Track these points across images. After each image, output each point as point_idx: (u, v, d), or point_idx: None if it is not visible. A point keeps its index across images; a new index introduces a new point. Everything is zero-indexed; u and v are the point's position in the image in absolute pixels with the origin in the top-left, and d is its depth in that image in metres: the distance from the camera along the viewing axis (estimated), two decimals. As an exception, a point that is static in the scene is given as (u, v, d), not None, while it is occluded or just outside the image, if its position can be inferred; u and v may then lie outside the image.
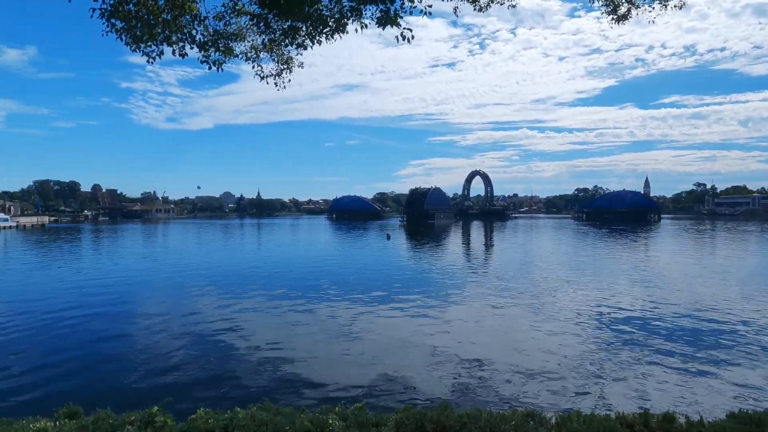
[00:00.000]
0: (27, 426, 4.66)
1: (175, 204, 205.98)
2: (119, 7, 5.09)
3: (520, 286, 24.14)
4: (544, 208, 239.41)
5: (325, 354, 13.16)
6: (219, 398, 9.74)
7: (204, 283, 25.74)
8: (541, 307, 19.25)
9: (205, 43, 5.92)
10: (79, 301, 20.83)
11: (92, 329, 15.88)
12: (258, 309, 19.07)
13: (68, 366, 12.18)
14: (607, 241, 59.77)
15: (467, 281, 26.38)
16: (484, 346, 13.76)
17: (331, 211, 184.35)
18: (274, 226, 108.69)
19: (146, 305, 20.44)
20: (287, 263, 36.14)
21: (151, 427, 4.87)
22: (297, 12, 5.46)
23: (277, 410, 5.32)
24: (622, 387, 10.70)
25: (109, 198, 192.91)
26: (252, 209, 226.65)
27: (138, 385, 10.77)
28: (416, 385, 10.81)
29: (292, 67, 6.78)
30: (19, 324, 16.51)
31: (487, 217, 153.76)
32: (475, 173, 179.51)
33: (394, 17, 5.23)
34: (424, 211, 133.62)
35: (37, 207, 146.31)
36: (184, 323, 16.61)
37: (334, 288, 23.71)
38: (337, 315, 17.87)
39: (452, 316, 17.88)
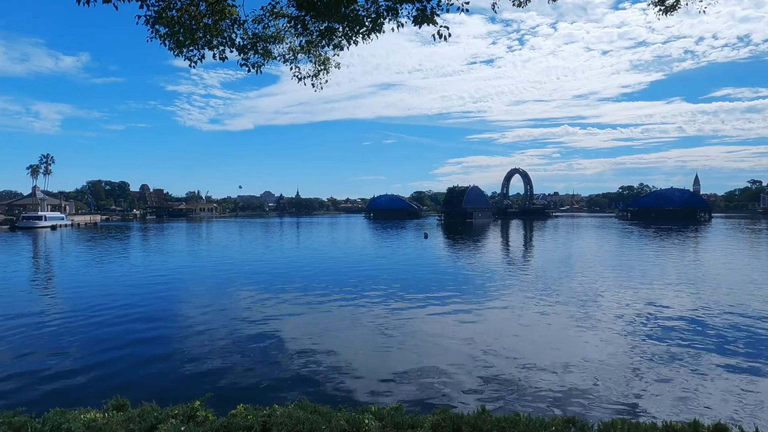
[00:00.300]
0: (78, 416, 4.88)
1: (218, 203, 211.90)
2: (163, 13, 5.26)
3: (561, 288, 23.55)
4: (586, 207, 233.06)
5: (361, 353, 13.22)
6: (258, 395, 9.93)
7: (245, 281, 26.35)
8: (584, 309, 18.70)
9: (244, 46, 6.05)
10: (129, 296, 21.72)
11: (139, 324, 16.52)
12: (297, 306, 19.36)
13: (116, 360, 12.70)
14: (654, 240, 57.53)
15: (506, 281, 25.95)
16: (523, 349, 13.49)
17: (369, 210, 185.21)
18: (313, 225, 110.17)
19: (191, 301, 21.09)
20: (325, 261, 36.55)
21: (193, 421, 5.01)
22: (333, 13, 5.49)
23: (314, 408, 5.38)
24: (669, 395, 10.25)
25: (156, 197, 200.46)
26: (291, 208, 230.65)
27: (181, 380, 11.12)
28: (453, 386, 10.71)
29: (328, 67, 6.83)
30: (73, 319, 17.36)
31: (527, 216, 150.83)
32: (514, 171, 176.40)
33: (430, 15, 5.19)
34: (462, 209, 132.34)
35: (90, 206, 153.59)
36: (226, 320, 17.04)
37: (372, 287, 23.80)
38: (375, 314, 17.92)
39: (491, 317, 17.63)
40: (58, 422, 4.43)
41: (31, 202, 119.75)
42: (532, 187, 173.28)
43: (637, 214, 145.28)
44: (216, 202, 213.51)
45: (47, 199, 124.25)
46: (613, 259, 36.94)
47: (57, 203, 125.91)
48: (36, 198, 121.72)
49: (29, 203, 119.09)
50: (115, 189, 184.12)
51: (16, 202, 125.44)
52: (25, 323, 16.41)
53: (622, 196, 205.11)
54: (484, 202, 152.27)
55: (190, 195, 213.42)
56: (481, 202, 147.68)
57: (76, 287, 25.06)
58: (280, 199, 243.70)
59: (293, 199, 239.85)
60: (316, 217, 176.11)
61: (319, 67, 6.75)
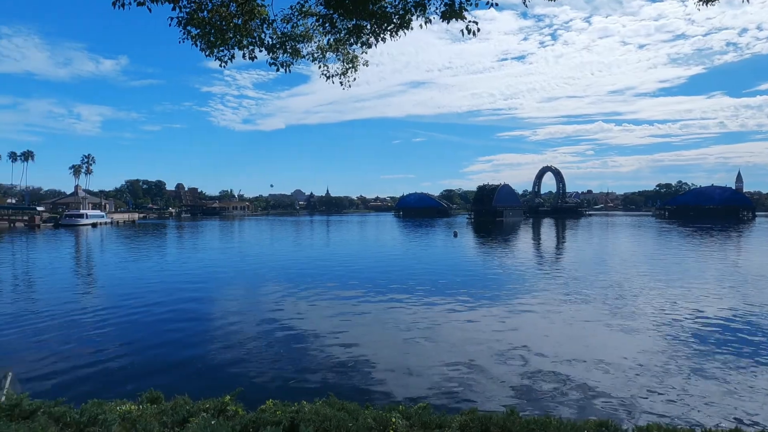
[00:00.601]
0: (114, 408, 5.03)
1: (250, 201, 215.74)
2: (194, 14, 5.36)
3: (595, 288, 22.99)
4: (621, 205, 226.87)
5: (389, 351, 13.23)
6: (287, 390, 10.05)
7: (276, 278, 26.74)
8: (619, 310, 18.21)
9: (273, 45, 6.11)
10: (164, 292, 22.35)
11: (173, 319, 16.97)
12: (326, 304, 19.52)
13: (151, 354, 13.08)
14: (693, 240, 55.54)
15: (538, 281, 25.51)
16: (554, 350, 13.22)
17: (398, 209, 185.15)
18: (342, 223, 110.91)
19: (223, 297, 21.54)
20: (355, 259, 36.72)
21: (223, 415, 5.10)
22: (361, 10, 5.48)
23: (341, 405, 5.39)
24: (707, 399, 9.86)
25: (191, 196, 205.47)
26: (321, 206, 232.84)
27: (212, 375, 11.36)
28: (481, 386, 10.59)
29: (357, 65, 6.84)
30: (112, 313, 17.98)
31: (559, 215, 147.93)
32: (546, 169, 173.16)
33: (459, 10, 5.11)
34: (492, 208, 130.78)
35: (128, 205, 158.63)
36: (257, 316, 17.32)
37: (401, 285, 23.78)
38: (403, 313, 17.90)
39: (521, 317, 17.36)
40: (95, 413, 4.58)
41: (74, 200, 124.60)
42: (565, 185, 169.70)
43: (675, 213, 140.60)
44: (248, 200, 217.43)
45: (88, 197, 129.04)
46: (650, 259, 35.83)
47: (97, 202, 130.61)
48: (78, 197, 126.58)
49: (72, 202, 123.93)
50: (152, 188, 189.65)
51: (59, 200, 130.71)
52: (68, 317, 17.08)
53: (659, 194, 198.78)
54: (515, 201, 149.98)
55: (224, 193, 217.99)
56: (511, 201, 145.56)
57: (114, 283, 25.94)
58: (311, 198, 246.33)
59: (323, 198, 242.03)
60: (346, 216, 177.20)
61: (347, 65, 6.76)
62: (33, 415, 4.54)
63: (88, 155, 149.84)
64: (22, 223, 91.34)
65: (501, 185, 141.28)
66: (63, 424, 4.49)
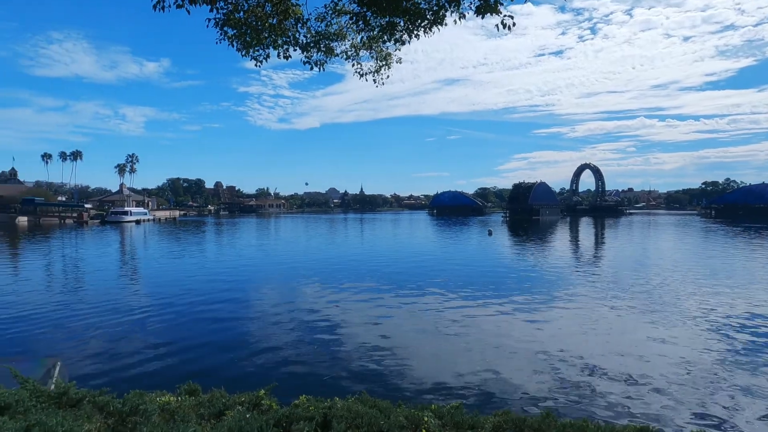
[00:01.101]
0: (154, 399, 5.19)
1: (285, 199, 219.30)
2: (231, 15, 5.47)
3: (636, 289, 22.26)
4: (664, 204, 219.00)
5: (422, 349, 13.18)
6: (320, 386, 10.17)
7: (312, 275, 27.06)
8: (661, 312, 17.57)
9: (307, 44, 6.17)
10: (202, 287, 22.98)
11: (211, 314, 17.41)
12: (360, 301, 19.62)
13: (190, 347, 13.46)
14: (742, 240, 53.01)
15: (575, 281, 24.91)
16: (592, 352, 12.87)
17: (432, 207, 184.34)
18: (376, 221, 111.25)
19: (259, 293, 21.96)
20: (389, 257, 36.78)
21: (258, 409, 5.18)
22: (395, 7, 5.46)
23: (373, 403, 5.40)
24: (753, 408, 9.38)
25: (229, 194, 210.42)
26: (355, 204, 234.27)
27: (247, 369, 11.60)
28: (515, 388, 10.41)
29: (390, 63, 6.82)
30: (153, 307, 18.62)
31: (598, 213, 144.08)
32: (584, 166, 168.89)
33: (494, 5, 5.02)
34: (528, 206, 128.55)
35: (170, 202, 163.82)
36: (292, 312, 17.58)
37: (435, 284, 23.67)
38: (437, 311, 17.81)
39: (558, 317, 16.98)
40: (136, 403, 4.73)
41: (119, 198, 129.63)
42: (604, 182, 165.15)
43: (723, 212, 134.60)
44: (284, 198, 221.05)
45: (132, 195, 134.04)
46: (695, 260, 34.42)
47: (141, 199, 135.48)
48: (123, 194, 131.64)
49: (117, 199, 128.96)
50: (191, 186, 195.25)
51: (105, 198, 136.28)
52: (112, 310, 17.79)
53: (705, 192, 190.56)
54: (551, 199, 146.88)
55: (260, 191, 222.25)
56: (548, 199, 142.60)
57: (156, 277, 26.86)
58: (345, 196, 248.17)
59: (357, 196, 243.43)
60: (380, 213, 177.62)
61: (380, 62, 6.76)
62: (79, 404, 4.73)
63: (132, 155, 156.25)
64: (71, 220, 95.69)
65: (537, 183, 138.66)
66: (106, 413, 4.66)
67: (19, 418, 4.11)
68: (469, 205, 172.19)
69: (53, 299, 20.09)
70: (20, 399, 4.54)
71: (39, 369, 6.53)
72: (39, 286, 23.79)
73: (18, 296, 20.61)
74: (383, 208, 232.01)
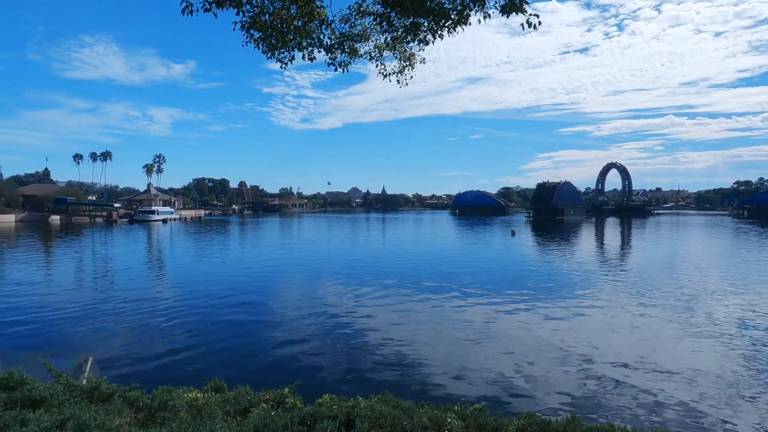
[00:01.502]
0: (182, 395, 5.30)
1: (308, 199, 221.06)
2: (256, 18, 5.55)
3: (664, 291, 21.74)
4: (693, 204, 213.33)
5: (445, 349, 13.14)
6: (344, 385, 10.22)
7: (334, 274, 27.23)
8: (690, 316, 17.12)
9: (331, 46, 6.22)
10: (227, 286, 23.34)
11: (236, 312, 17.67)
12: (383, 301, 19.66)
13: (216, 345, 13.69)
14: (776, 242, 51.26)
15: (601, 283, 24.46)
16: (618, 355, 12.63)
17: (454, 206, 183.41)
18: (398, 221, 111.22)
19: (283, 292, 22.20)
20: (411, 257, 36.73)
21: (282, 406, 5.24)
22: (419, 8, 5.45)
23: (396, 403, 5.40)
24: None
25: (252, 193, 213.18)
26: (377, 204, 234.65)
27: (272, 367, 11.74)
28: (540, 390, 10.29)
29: (413, 63, 6.82)
30: (180, 305, 19.00)
31: (625, 214, 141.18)
32: (610, 166, 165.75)
33: (519, 3, 4.97)
34: (552, 206, 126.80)
35: (195, 202, 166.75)
36: (316, 311, 17.72)
37: (458, 284, 23.55)
38: (460, 312, 17.72)
39: (583, 320, 16.71)
40: (165, 399, 4.84)
41: (146, 197, 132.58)
42: (631, 182, 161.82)
43: (756, 212, 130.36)
44: (306, 197, 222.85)
45: (159, 194, 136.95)
46: (726, 262, 33.43)
47: (167, 198, 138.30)
48: (150, 194, 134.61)
49: (144, 199, 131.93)
50: (216, 185, 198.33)
51: (133, 197, 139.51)
52: (142, 307, 18.22)
53: (737, 192, 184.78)
54: (576, 199, 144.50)
55: (283, 191, 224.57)
56: (573, 199, 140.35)
57: (183, 275, 27.39)
58: (367, 195, 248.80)
59: (379, 195, 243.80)
60: (402, 213, 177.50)
61: (404, 63, 6.76)
62: (110, 398, 4.86)
63: (159, 155, 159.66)
64: (101, 219, 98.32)
65: (562, 182, 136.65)
66: (136, 407, 4.78)
67: (54, 412, 4.25)
68: (492, 205, 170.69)
69: (84, 296, 20.68)
70: (54, 393, 4.69)
71: (72, 364, 6.73)
72: (71, 283, 24.52)
73: (51, 293, 21.29)
74: (405, 207, 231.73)
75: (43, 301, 19.37)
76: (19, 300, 19.45)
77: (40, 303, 18.91)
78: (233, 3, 5.39)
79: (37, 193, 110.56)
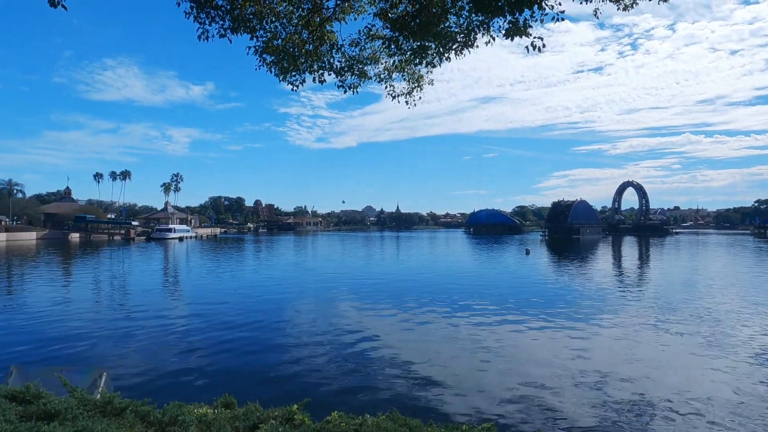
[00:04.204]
0: (192, 410, 5.37)
1: (323, 217, 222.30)
2: (269, 43, 5.75)
3: (684, 312, 21.31)
4: (713, 223, 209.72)
5: (456, 368, 13.01)
6: (352, 403, 10.18)
7: (347, 292, 27.23)
8: (712, 337, 16.73)
9: (341, 68, 6.40)
10: (240, 303, 23.48)
11: (247, 329, 17.74)
12: (395, 319, 19.59)
13: (226, 361, 13.75)
14: (799, 262, 50.00)
15: (619, 303, 24.08)
16: (637, 376, 12.39)
17: (469, 225, 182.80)
18: (412, 239, 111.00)
19: (295, 310, 22.23)
20: (424, 275, 36.60)
21: (291, 423, 5.28)
22: (426, 32, 5.60)
23: (404, 421, 5.41)
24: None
25: (268, 212, 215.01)
26: (391, 222, 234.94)
27: (281, 384, 11.74)
28: (551, 411, 10.12)
29: (422, 84, 6.97)
30: (193, 321, 19.16)
31: (642, 233, 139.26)
32: (627, 184, 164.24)
33: (523, 28, 5.09)
34: (568, 225, 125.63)
35: (211, 220, 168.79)
36: (327, 329, 17.72)
37: (471, 303, 23.38)
38: (473, 330, 17.58)
39: (600, 340, 16.44)
40: (175, 414, 4.92)
41: (164, 216, 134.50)
42: (648, 200, 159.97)
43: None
44: (321, 216, 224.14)
45: (176, 213, 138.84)
46: (748, 282, 32.67)
47: (184, 217, 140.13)
48: (167, 212, 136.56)
49: (162, 217, 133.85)
50: (232, 204, 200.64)
51: (151, 216, 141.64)
52: (156, 323, 18.41)
53: (758, 210, 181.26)
54: (592, 218, 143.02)
55: (298, 210, 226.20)
56: (589, 217, 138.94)
57: (197, 293, 27.62)
58: (381, 214, 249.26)
59: (393, 214, 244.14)
60: (416, 232, 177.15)
61: (412, 84, 6.91)
62: (123, 413, 4.95)
63: (177, 174, 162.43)
64: (119, 237, 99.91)
65: (577, 201, 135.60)
66: (147, 422, 4.86)
67: (68, 425, 4.35)
68: (507, 224, 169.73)
69: (100, 313, 20.97)
70: (69, 407, 4.80)
71: (86, 378, 6.85)
72: (88, 299, 24.90)
73: (69, 309, 21.62)
74: (419, 226, 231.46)
75: (61, 316, 19.68)
76: (38, 315, 19.79)
77: (57, 319, 19.22)
78: (247, 29, 5.60)
79: (58, 211, 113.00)
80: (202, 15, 5.49)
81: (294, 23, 5.85)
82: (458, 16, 5.57)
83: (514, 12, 4.98)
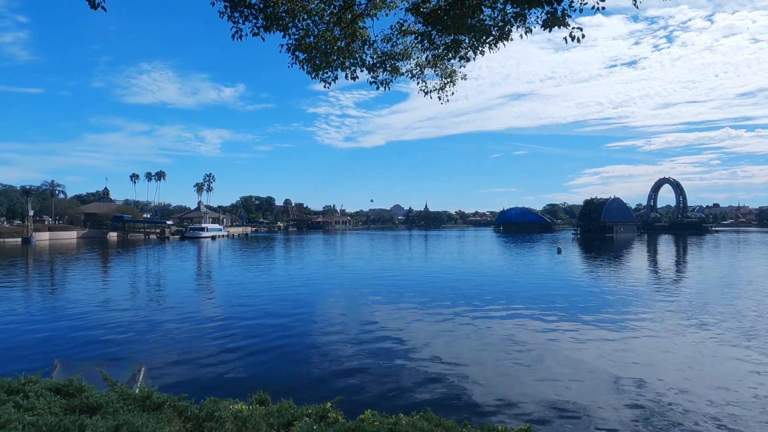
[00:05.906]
0: (228, 406, 5.43)
1: (351, 216, 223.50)
2: (302, 40, 5.76)
3: (723, 313, 20.49)
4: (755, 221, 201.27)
5: (490, 369, 12.84)
6: (385, 402, 10.14)
7: (378, 290, 27.24)
8: (754, 339, 16.04)
9: (373, 65, 6.36)
10: (272, 300, 23.78)
11: (281, 327, 17.94)
12: (427, 318, 19.47)
13: (259, 358, 13.93)
14: None
15: (655, 304, 23.34)
16: (676, 379, 11.96)
17: (498, 224, 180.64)
18: (441, 238, 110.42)
19: (327, 308, 22.38)
20: (454, 275, 36.30)
21: (324, 421, 5.27)
22: (460, 25, 5.49)
23: (438, 421, 5.33)
24: None
25: (297, 211, 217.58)
26: (420, 221, 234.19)
27: (315, 381, 11.80)
28: (586, 413, 9.86)
29: (455, 79, 6.86)
30: (228, 318, 19.51)
31: (679, 231, 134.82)
32: (663, 181, 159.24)
33: (561, 17, 4.92)
34: (600, 223, 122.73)
35: (242, 219, 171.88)
36: (359, 327, 17.75)
37: (503, 302, 23.06)
38: (505, 330, 17.32)
39: (637, 341, 15.95)
40: (212, 410, 4.97)
41: (197, 215, 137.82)
42: (686, 198, 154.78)
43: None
44: (349, 215, 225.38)
45: (209, 212, 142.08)
46: (794, 282, 31.18)
47: (216, 216, 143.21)
48: (200, 212, 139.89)
49: (195, 216, 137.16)
50: (263, 203, 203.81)
51: (185, 215, 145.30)
52: (191, 320, 18.82)
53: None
54: (626, 216, 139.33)
55: (327, 208, 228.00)
56: (623, 215, 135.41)
57: (231, 290, 28.13)
58: (409, 213, 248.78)
59: (422, 212, 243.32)
60: (444, 230, 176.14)
61: (445, 80, 6.81)
62: (161, 407, 5.04)
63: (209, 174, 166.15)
64: (154, 235, 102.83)
65: (611, 199, 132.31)
66: (185, 417, 4.93)
67: (109, 418, 4.45)
68: (538, 222, 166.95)
69: (139, 309, 21.58)
70: (110, 400, 4.91)
71: (126, 373, 7.03)
72: (126, 296, 25.67)
73: (109, 306, 22.33)
74: (448, 224, 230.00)
75: (101, 313, 20.34)
76: (80, 311, 20.50)
77: (98, 315, 19.87)
78: (280, 27, 5.62)
79: (97, 211, 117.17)
80: (235, 14, 5.55)
81: (326, 20, 5.84)
82: (492, 8, 5.45)
83: (552, 2, 4.83)
